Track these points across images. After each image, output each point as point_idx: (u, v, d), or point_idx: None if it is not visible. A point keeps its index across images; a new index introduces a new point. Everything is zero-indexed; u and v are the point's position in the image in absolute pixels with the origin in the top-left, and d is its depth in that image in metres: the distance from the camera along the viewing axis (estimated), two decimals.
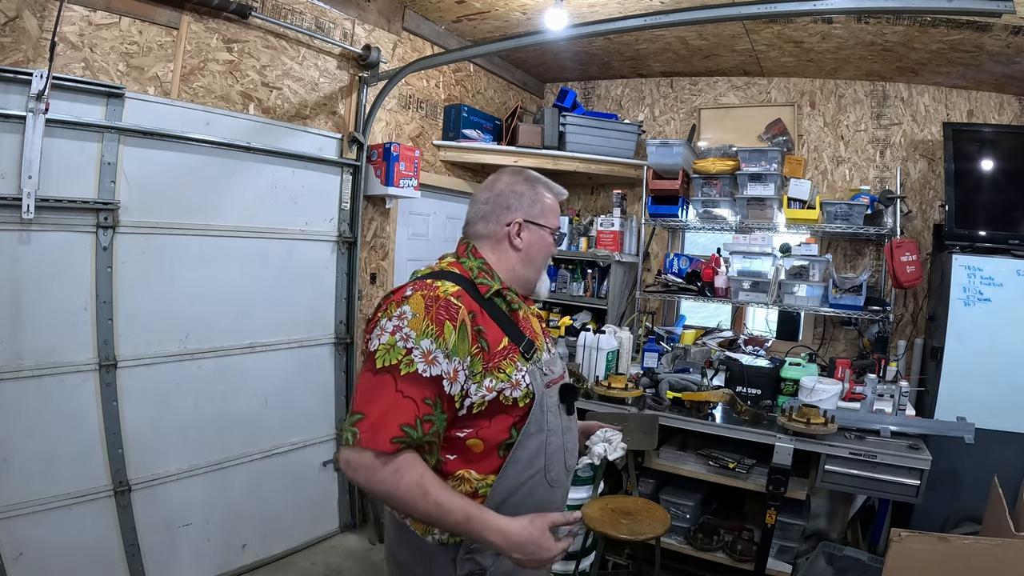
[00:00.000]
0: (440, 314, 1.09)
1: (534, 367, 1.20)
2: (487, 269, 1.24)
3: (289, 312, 2.81)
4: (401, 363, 1.06)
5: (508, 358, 1.16)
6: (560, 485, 1.26)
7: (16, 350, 1.98)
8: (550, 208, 1.32)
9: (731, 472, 2.62)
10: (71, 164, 2.06)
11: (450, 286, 1.15)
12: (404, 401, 1.05)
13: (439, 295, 1.12)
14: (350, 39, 2.96)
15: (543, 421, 1.19)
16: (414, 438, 1.05)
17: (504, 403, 1.15)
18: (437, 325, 1.08)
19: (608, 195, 4.09)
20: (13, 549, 1.98)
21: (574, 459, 1.32)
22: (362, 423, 1.04)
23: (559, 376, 1.29)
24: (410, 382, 1.06)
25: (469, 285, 1.19)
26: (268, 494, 2.75)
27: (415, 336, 1.07)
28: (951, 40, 2.82)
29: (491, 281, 1.22)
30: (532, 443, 1.18)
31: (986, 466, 2.29)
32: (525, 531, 1.07)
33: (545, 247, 1.31)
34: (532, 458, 1.18)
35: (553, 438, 1.21)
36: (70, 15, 2.01)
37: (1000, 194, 2.93)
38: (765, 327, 3.79)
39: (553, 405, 1.23)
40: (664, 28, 2.76)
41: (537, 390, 1.18)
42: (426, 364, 1.07)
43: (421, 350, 1.07)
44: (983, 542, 1.50)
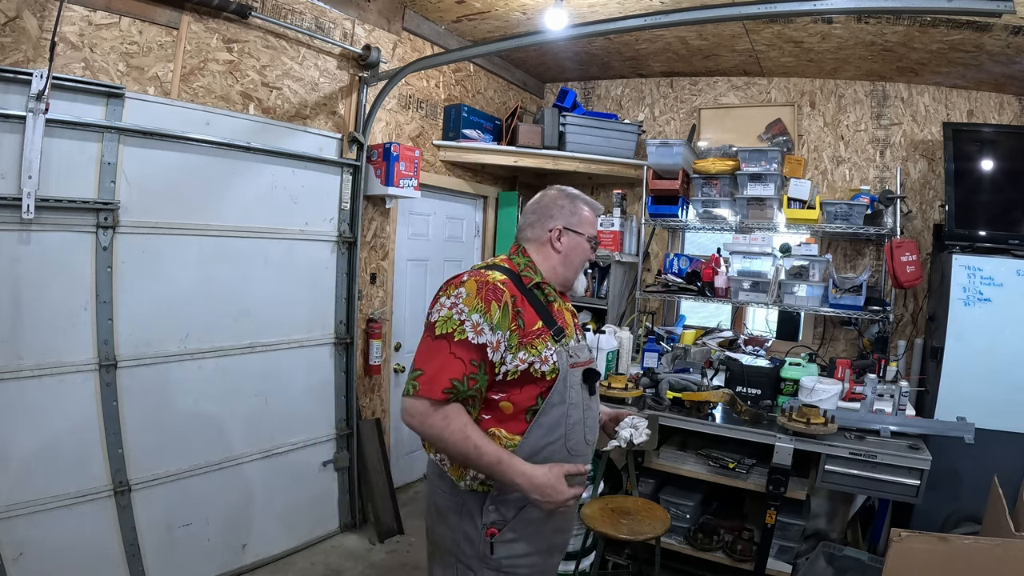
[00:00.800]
0: (488, 295, 1.34)
1: (562, 348, 1.41)
2: (532, 266, 1.49)
3: (289, 312, 2.81)
4: (455, 331, 1.31)
5: (540, 337, 1.38)
6: (579, 455, 1.44)
7: (16, 350, 1.98)
8: (587, 219, 1.55)
9: (731, 472, 2.62)
10: (71, 164, 2.06)
11: (498, 275, 1.40)
12: (455, 361, 1.30)
13: (488, 280, 1.36)
14: (350, 39, 2.96)
15: (565, 394, 1.40)
16: (460, 391, 1.30)
17: (534, 375, 1.36)
18: (485, 303, 1.33)
19: (608, 195, 4.09)
20: (13, 549, 1.98)
21: (594, 434, 1.51)
22: (421, 377, 1.30)
23: (585, 361, 1.48)
24: (461, 347, 1.30)
25: (515, 277, 1.44)
26: (268, 494, 2.75)
27: (467, 311, 1.32)
28: (951, 40, 2.82)
29: (534, 275, 1.47)
30: (554, 412, 1.38)
31: (986, 466, 2.29)
32: (544, 476, 1.30)
33: (581, 251, 1.54)
34: (553, 425, 1.38)
35: (573, 411, 1.42)
36: (70, 15, 2.01)
37: (1000, 194, 2.93)
38: (765, 327, 3.79)
39: (576, 383, 1.43)
40: (664, 28, 2.76)
41: (562, 367, 1.39)
42: (475, 333, 1.31)
43: (472, 322, 1.31)
44: (983, 542, 1.50)
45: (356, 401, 3.08)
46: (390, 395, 3.43)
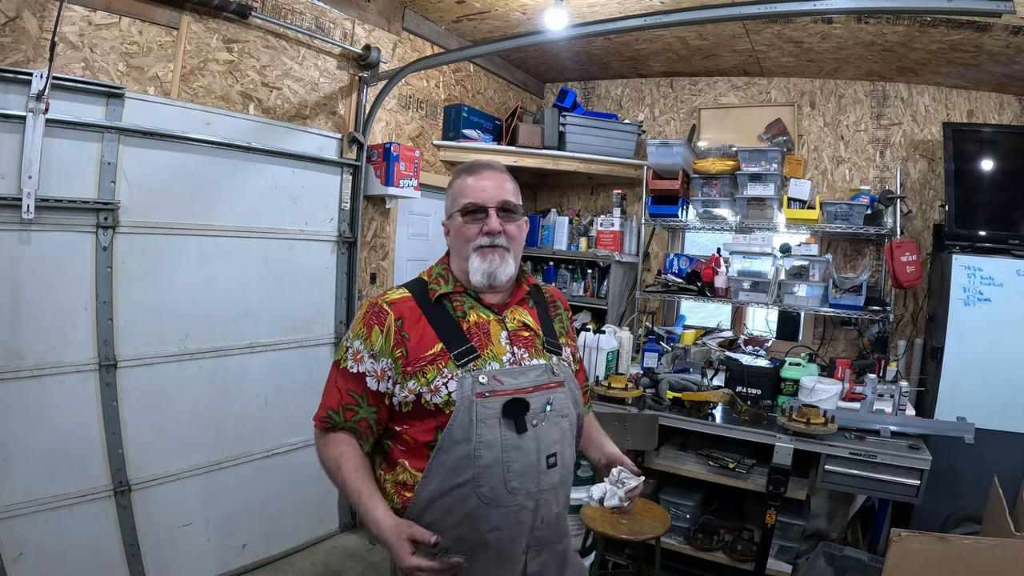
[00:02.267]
0: (371, 319, 1.23)
1: (465, 375, 1.17)
2: (444, 274, 1.29)
3: (289, 312, 2.81)
4: (340, 359, 1.25)
5: (435, 363, 1.18)
6: (499, 505, 1.16)
7: (16, 350, 1.98)
8: (459, 191, 1.28)
9: (731, 472, 2.62)
10: (71, 164, 2.06)
11: (394, 293, 1.27)
12: (334, 390, 1.25)
13: (378, 302, 1.25)
14: (350, 39, 2.96)
15: (471, 431, 1.15)
16: (336, 421, 1.24)
17: (426, 407, 1.18)
18: (367, 328, 1.23)
19: (608, 195, 4.09)
20: (13, 549, 1.98)
21: (526, 482, 1.18)
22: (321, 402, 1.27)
23: (511, 389, 1.20)
24: (342, 376, 1.24)
25: (422, 290, 1.27)
26: (268, 494, 2.75)
27: (351, 337, 1.25)
28: (951, 40, 2.82)
29: (442, 285, 1.27)
30: (456, 450, 1.15)
31: (986, 466, 2.29)
32: (388, 531, 1.12)
33: (458, 233, 1.27)
34: (457, 466, 1.15)
35: (486, 452, 1.15)
36: (70, 15, 2.01)
37: (1000, 194, 2.93)
38: (765, 327, 3.79)
39: (490, 417, 1.16)
40: (664, 28, 2.76)
41: (461, 398, 1.16)
42: (354, 362, 1.23)
43: (353, 350, 1.24)
44: (983, 542, 1.49)
45: None
46: None
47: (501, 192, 1.27)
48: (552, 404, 1.24)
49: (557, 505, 1.27)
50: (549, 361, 1.28)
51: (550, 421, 1.23)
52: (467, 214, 1.25)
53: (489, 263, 1.24)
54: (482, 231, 1.24)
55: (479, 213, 1.25)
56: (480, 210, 1.25)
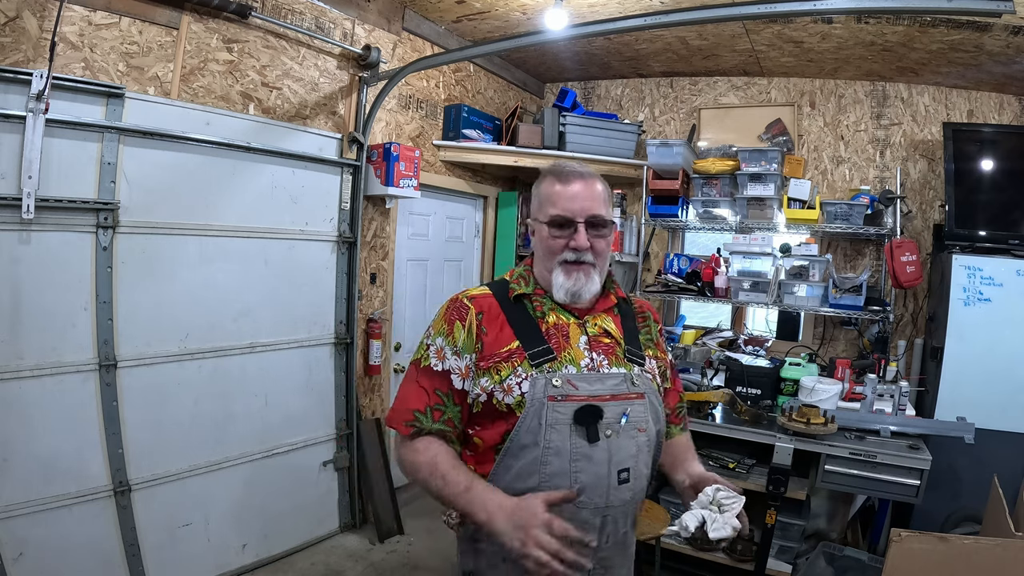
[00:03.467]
0: (452, 315, 1.19)
1: (539, 375, 1.12)
2: (525, 276, 1.26)
3: (289, 312, 2.81)
4: (422, 358, 1.20)
5: (509, 361, 1.13)
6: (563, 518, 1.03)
7: (16, 350, 1.98)
8: (547, 197, 1.22)
9: (731, 472, 2.62)
10: (71, 164, 2.06)
11: (476, 290, 1.25)
12: (418, 390, 1.17)
13: (459, 297, 1.22)
14: (350, 39, 2.96)
15: (539, 435, 1.10)
16: (424, 424, 1.15)
17: (498, 408, 1.13)
18: (448, 324, 1.19)
19: None
20: (13, 549, 1.98)
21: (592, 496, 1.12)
22: (394, 405, 1.20)
23: (593, 395, 1.13)
24: (426, 374, 1.18)
25: (503, 289, 1.24)
26: (268, 494, 2.75)
27: (433, 334, 1.20)
28: (951, 40, 2.82)
29: (522, 286, 1.23)
30: (525, 455, 1.10)
31: (986, 466, 2.29)
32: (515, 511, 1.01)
33: (541, 241, 1.22)
34: (524, 472, 1.10)
35: (554, 459, 1.09)
36: (70, 15, 2.01)
37: (1000, 194, 2.93)
38: (765, 327, 3.79)
39: (561, 423, 1.10)
40: (664, 28, 2.76)
41: (533, 399, 1.10)
42: (437, 359, 1.18)
43: (436, 346, 1.19)
44: (983, 542, 1.49)
45: (356, 401, 3.08)
46: (390, 395, 3.43)
47: (592, 204, 1.19)
48: (629, 416, 1.16)
49: (625, 525, 1.19)
50: (630, 371, 1.20)
51: (625, 433, 1.15)
52: (554, 226, 1.19)
53: (574, 281, 1.18)
54: (568, 246, 1.18)
55: (567, 227, 1.18)
56: (568, 224, 1.18)
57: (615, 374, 1.18)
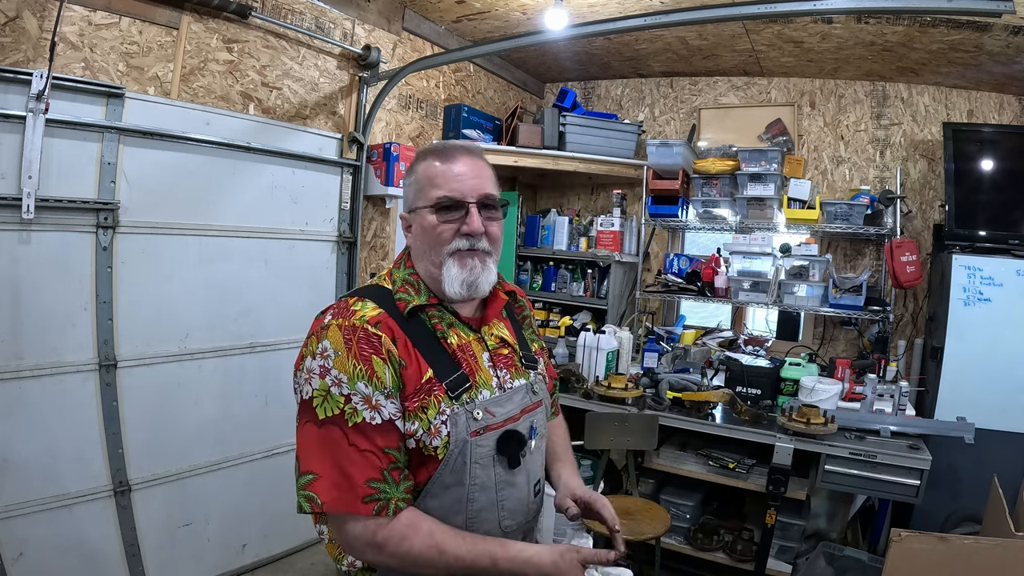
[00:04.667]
0: (363, 348, 0.94)
1: (459, 409, 0.99)
2: (413, 281, 1.06)
3: (289, 312, 2.80)
4: (345, 413, 0.93)
5: (431, 396, 0.98)
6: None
7: (16, 350, 1.98)
8: (428, 179, 1.05)
9: (731, 472, 2.62)
10: (71, 164, 2.06)
11: (369, 310, 0.99)
12: (361, 456, 0.92)
13: (355, 323, 0.96)
14: (350, 39, 2.96)
15: (464, 473, 0.99)
16: (390, 492, 0.93)
17: (424, 452, 0.97)
18: (364, 363, 0.94)
19: (608, 195, 4.09)
20: (13, 549, 1.98)
21: (519, 518, 1.08)
22: (317, 484, 0.91)
23: (507, 419, 1.05)
24: (360, 433, 0.93)
25: (391, 303, 1.02)
26: (268, 494, 2.75)
27: (347, 380, 0.93)
28: (951, 40, 2.82)
29: (412, 296, 1.03)
30: (448, 495, 0.99)
31: (986, 466, 2.29)
32: (554, 566, 0.94)
33: (426, 232, 1.03)
34: (447, 514, 0.99)
35: (479, 494, 1.01)
36: (70, 15, 2.01)
37: (1000, 194, 2.92)
38: (765, 327, 3.79)
39: (484, 456, 1.01)
40: (664, 28, 2.76)
41: (456, 441, 0.98)
42: (371, 410, 0.93)
43: (360, 395, 0.93)
44: (983, 542, 1.49)
45: None
46: None
47: (482, 183, 1.05)
48: (536, 428, 1.10)
49: (537, 530, 1.15)
50: (528, 380, 1.12)
51: (535, 447, 1.10)
52: (441, 210, 1.02)
53: (469, 271, 1.02)
54: (459, 232, 1.02)
55: (455, 210, 1.02)
56: (458, 206, 1.02)
57: (519, 387, 1.09)
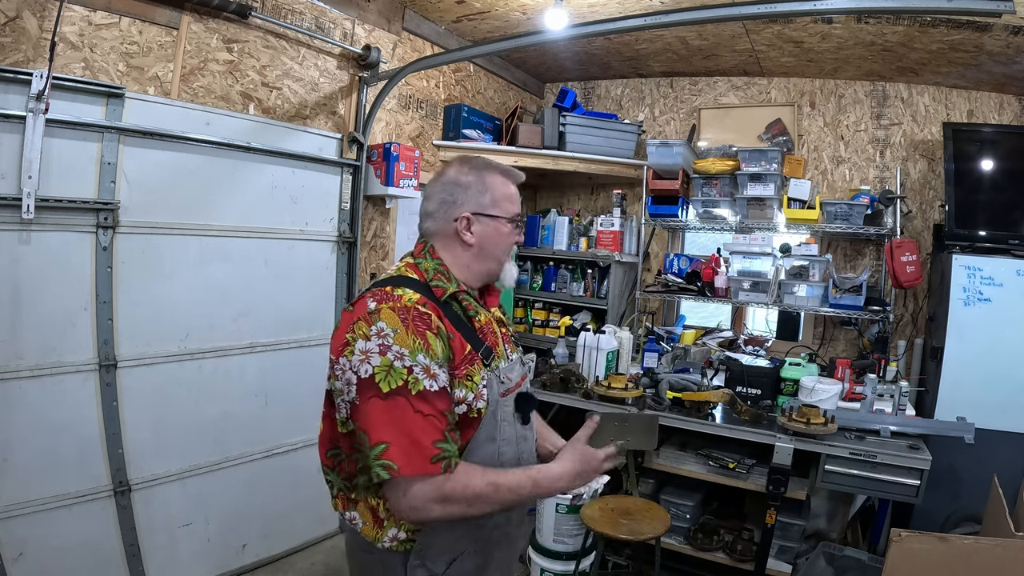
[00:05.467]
0: (418, 326, 1.07)
1: (492, 375, 1.17)
2: (443, 271, 1.21)
3: (289, 312, 2.81)
4: (409, 383, 1.04)
5: (474, 364, 1.14)
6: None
7: (16, 350, 1.98)
8: (503, 195, 1.24)
9: (731, 472, 2.62)
10: (71, 164, 2.06)
11: (411, 293, 1.12)
12: (424, 421, 1.04)
13: (406, 305, 1.09)
14: (350, 39, 2.96)
15: (495, 431, 1.17)
16: (450, 451, 1.06)
17: (470, 415, 1.13)
18: (421, 337, 1.06)
19: (608, 195, 4.09)
20: (13, 549, 1.98)
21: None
22: (391, 451, 1.02)
23: (516, 384, 1.25)
24: (423, 400, 1.05)
25: (426, 290, 1.16)
26: (268, 494, 2.75)
27: (409, 353, 1.05)
28: (951, 40, 2.82)
29: (447, 284, 1.19)
30: (482, 452, 1.15)
31: (986, 466, 2.29)
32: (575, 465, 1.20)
33: (501, 238, 1.24)
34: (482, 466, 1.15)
35: (506, 448, 1.19)
36: (70, 15, 2.01)
37: (1000, 194, 2.92)
38: (765, 327, 3.79)
39: (508, 415, 1.20)
40: (664, 28, 2.76)
41: (492, 400, 1.16)
42: (430, 379, 1.06)
43: (420, 366, 1.05)
44: (983, 542, 1.49)
45: None
46: None
47: None
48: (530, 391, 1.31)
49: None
50: (519, 353, 1.36)
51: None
52: (514, 223, 1.26)
53: (517, 270, 1.32)
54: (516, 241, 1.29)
55: (520, 224, 1.28)
56: (521, 221, 1.29)
57: (516, 359, 1.32)
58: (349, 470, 1.20)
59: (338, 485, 1.25)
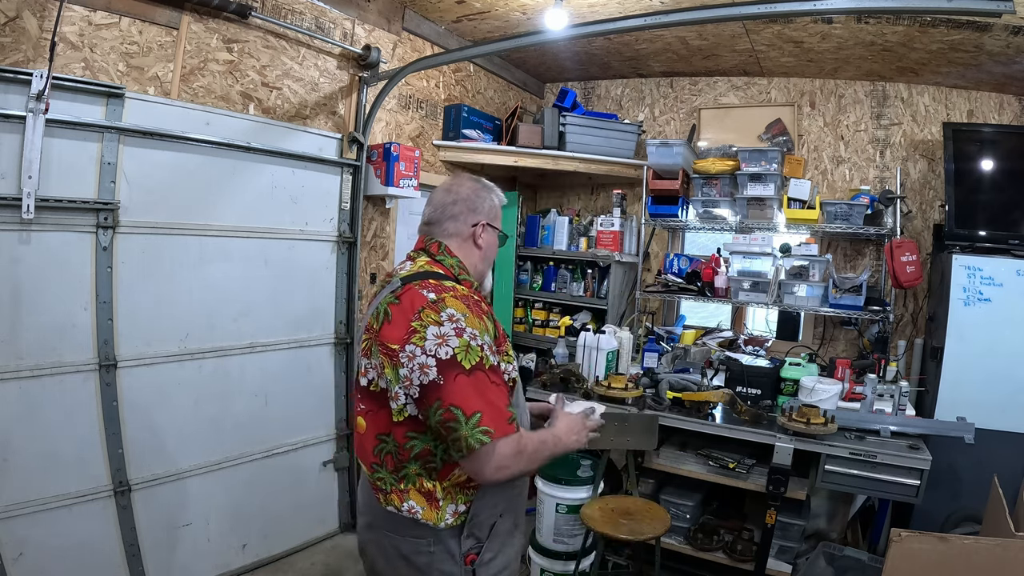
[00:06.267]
0: (477, 309, 1.24)
1: (513, 352, 1.39)
2: (463, 267, 1.39)
3: (289, 312, 2.81)
4: (483, 359, 1.20)
5: (507, 342, 1.35)
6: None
7: (16, 350, 1.98)
8: (499, 213, 1.49)
9: (731, 472, 2.62)
10: (71, 164, 2.06)
11: (459, 285, 1.30)
12: (498, 390, 1.21)
13: (464, 292, 1.27)
14: (350, 39, 2.96)
15: (519, 397, 1.39)
16: (515, 413, 1.25)
17: (510, 385, 1.31)
18: (481, 320, 1.23)
19: (608, 195, 4.09)
20: (13, 549, 1.98)
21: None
22: (485, 419, 1.16)
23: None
24: (494, 373, 1.22)
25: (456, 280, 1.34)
26: (268, 494, 2.75)
27: (479, 333, 1.21)
28: (951, 40, 2.82)
29: (470, 278, 1.39)
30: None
31: (986, 466, 2.29)
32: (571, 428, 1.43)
33: (495, 247, 1.48)
34: None
35: (521, 414, 1.40)
36: (70, 15, 2.01)
37: (1000, 194, 2.92)
38: (765, 327, 3.79)
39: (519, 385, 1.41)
40: (664, 28, 2.76)
41: (516, 372, 1.36)
42: (494, 356, 1.24)
43: (487, 343, 1.22)
44: (983, 542, 1.49)
45: None
46: None
47: None
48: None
49: None
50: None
51: None
52: (501, 238, 1.48)
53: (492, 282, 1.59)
54: None
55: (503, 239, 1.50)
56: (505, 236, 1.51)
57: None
58: (399, 460, 1.26)
59: (389, 481, 1.28)
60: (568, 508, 2.51)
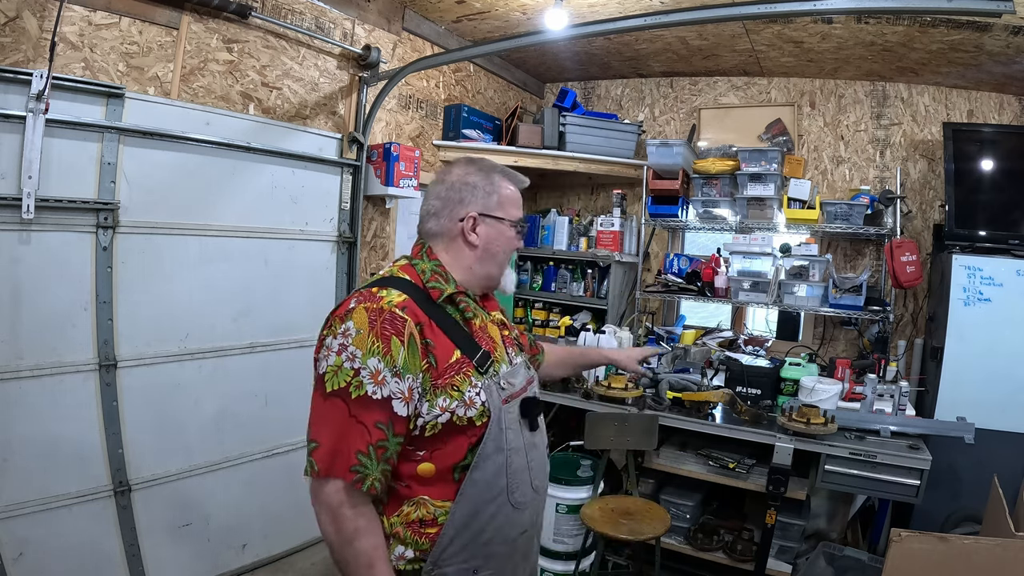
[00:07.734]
0: (385, 328, 1.04)
1: (490, 382, 1.13)
2: (441, 272, 1.17)
3: (289, 312, 2.81)
4: (351, 386, 1.02)
5: (461, 373, 1.10)
6: (526, 507, 1.18)
7: (16, 350, 1.98)
8: (509, 199, 1.23)
9: (731, 472, 2.62)
10: (71, 164, 2.06)
11: (395, 296, 1.08)
12: (355, 427, 1.01)
13: (383, 307, 1.06)
14: (350, 39, 2.96)
15: (502, 440, 1.12)
16: (369, 469, 1.01)
17: (458, 424, 1.08)
18: (383, 341, 1.03)
19: (608, 195, 4.09)
20: (13, 549, 1.98)
21: (543, 478, 1.24)
22: (318, 452, 1.01)
23: (520, 389, 1.21)
24: (361, 405, 1.01)
25: (419, 292, 1.13)
26: (268, 494, 2.75)
27: (361, 355, 1.02)
28: (951, 40, 2.82)
29: (444, 285, 1.15)
30: (491, 465, 1.11)
31: (986, 466, 2.29)
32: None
33: (505, 241, 1.22)
34: (492, 480, 1.11)
35: (515, 457, 1.14)
36: (70, 15, 2.01)
37: (1000, 194, 2.92)
38: (765, 327, 3.79)
39: (513, 422, 1.16)
40: (664, 28, 2.76)
41: (494, 408, 1.11)
42: (375, 385, 1.02)
43: (369, 370, 1.02)
44: (983, 542, 1.49)
45: None
46: None
47: None
48: (536, 395, 1.27)
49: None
50: (523, 357, 1.31)
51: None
52: (518, 227, 1.25)
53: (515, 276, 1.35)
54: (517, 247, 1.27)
55: (522, 229, 1.27)
56: (524, 226, 1.27)
57: (520, 362, 1.26)
58: None
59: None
60: (568, 508, 2.51)
